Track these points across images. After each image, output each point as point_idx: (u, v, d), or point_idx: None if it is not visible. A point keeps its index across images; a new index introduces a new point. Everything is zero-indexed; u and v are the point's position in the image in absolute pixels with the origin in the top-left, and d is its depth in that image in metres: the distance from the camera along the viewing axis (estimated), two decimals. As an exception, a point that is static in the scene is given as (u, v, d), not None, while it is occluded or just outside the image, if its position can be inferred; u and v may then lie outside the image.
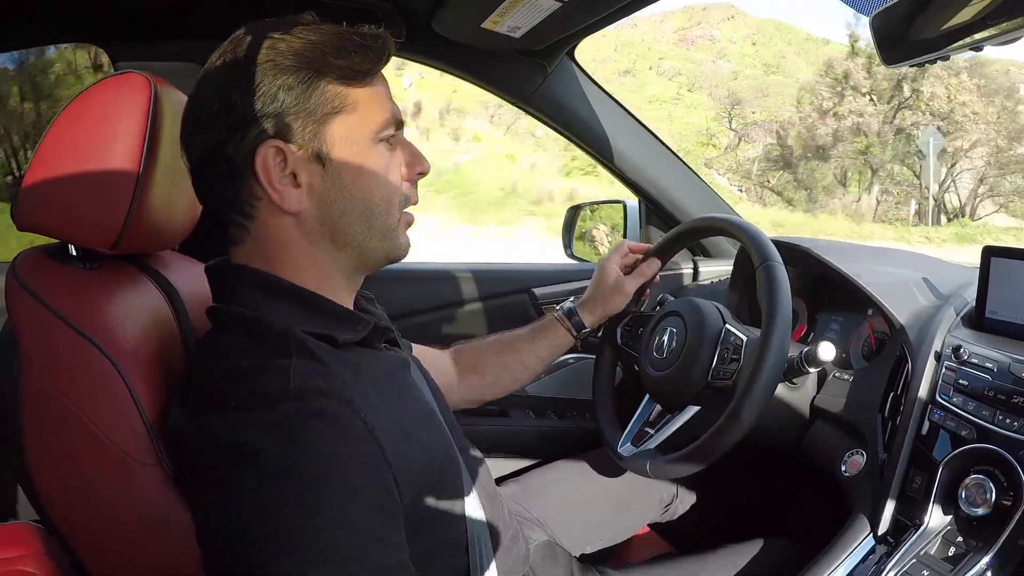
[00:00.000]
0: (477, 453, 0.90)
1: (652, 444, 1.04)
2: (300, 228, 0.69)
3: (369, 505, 0.58)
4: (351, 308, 0.76)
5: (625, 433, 1.10)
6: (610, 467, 1.11)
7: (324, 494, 0.56)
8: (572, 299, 1.16)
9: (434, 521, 0.70)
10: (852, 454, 0.96)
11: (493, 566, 0.79)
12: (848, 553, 0.85)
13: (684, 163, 1.57)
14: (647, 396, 1.11)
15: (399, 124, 0.73)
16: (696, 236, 1.15)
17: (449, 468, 0.74)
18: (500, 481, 1.16)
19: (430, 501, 0.69)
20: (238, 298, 0.69)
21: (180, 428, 0.65)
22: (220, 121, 0.65)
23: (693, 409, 1.01)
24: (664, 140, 1.55)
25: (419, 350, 1.09)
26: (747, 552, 1.03)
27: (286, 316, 0.67)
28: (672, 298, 1.17)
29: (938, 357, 0.90)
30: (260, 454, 0.56)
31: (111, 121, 0.71)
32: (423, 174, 0.76)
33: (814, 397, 1.03)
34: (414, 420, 0.71)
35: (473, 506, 0.78)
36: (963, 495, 0.80)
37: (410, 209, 0.77)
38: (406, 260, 0.78)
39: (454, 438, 0.80)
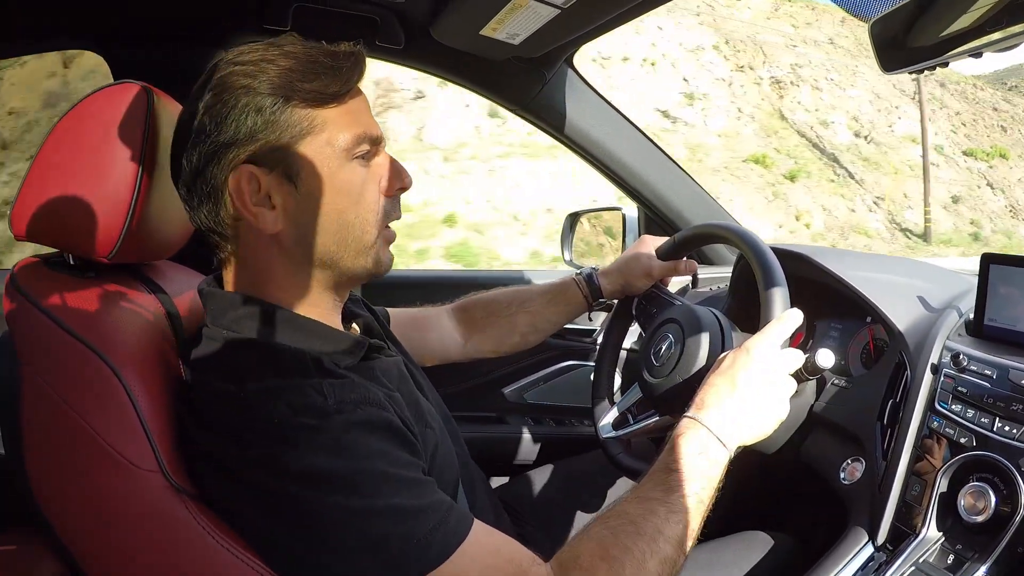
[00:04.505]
0: (462, 442, 0.92)
1: (625, 435, 1.08)
2: (279, 248, 0.71)
3: (416, 486, 0.64)
4: (339, 323, 0.78)
5: (609, 412, 1.12)
6: (606, 471, 1.11)
7: (386, 488, 0.62)
8: (593, 267, 1.17)
9: None
10: (851, 462, 0.96)
11: None
12: (847, 561, 0.85)
13: (683, 170, 1.56)
14: (637, 383, 1.11)
15: (375, 140, 0.73)
16: (718, 241, 1.15)
17: (444, 457, 0.77)
18: (498, 486, 1.16)
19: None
20: (239, 324, 0.70)
21: (210, 452, 0.65)
22: (198, 147, 0.68)
23: (668, 419, 1.01)
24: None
25: (414, 314, 1.11)
26: (742, 556, 1.03)
27: (288, 341, 0.70)
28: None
29: (937, 365, 0.90)
30: (331, 476, 0.60)
31: (109, 131, 0.72)
32: (404, 189, 0.77)
33: (813, 404, 1.03)
34: (418, 418, 0.74)
35: (461, 493, 0.81)
36: (962, 503, 0.80)
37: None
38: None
39: (447, 428, 0.83)
